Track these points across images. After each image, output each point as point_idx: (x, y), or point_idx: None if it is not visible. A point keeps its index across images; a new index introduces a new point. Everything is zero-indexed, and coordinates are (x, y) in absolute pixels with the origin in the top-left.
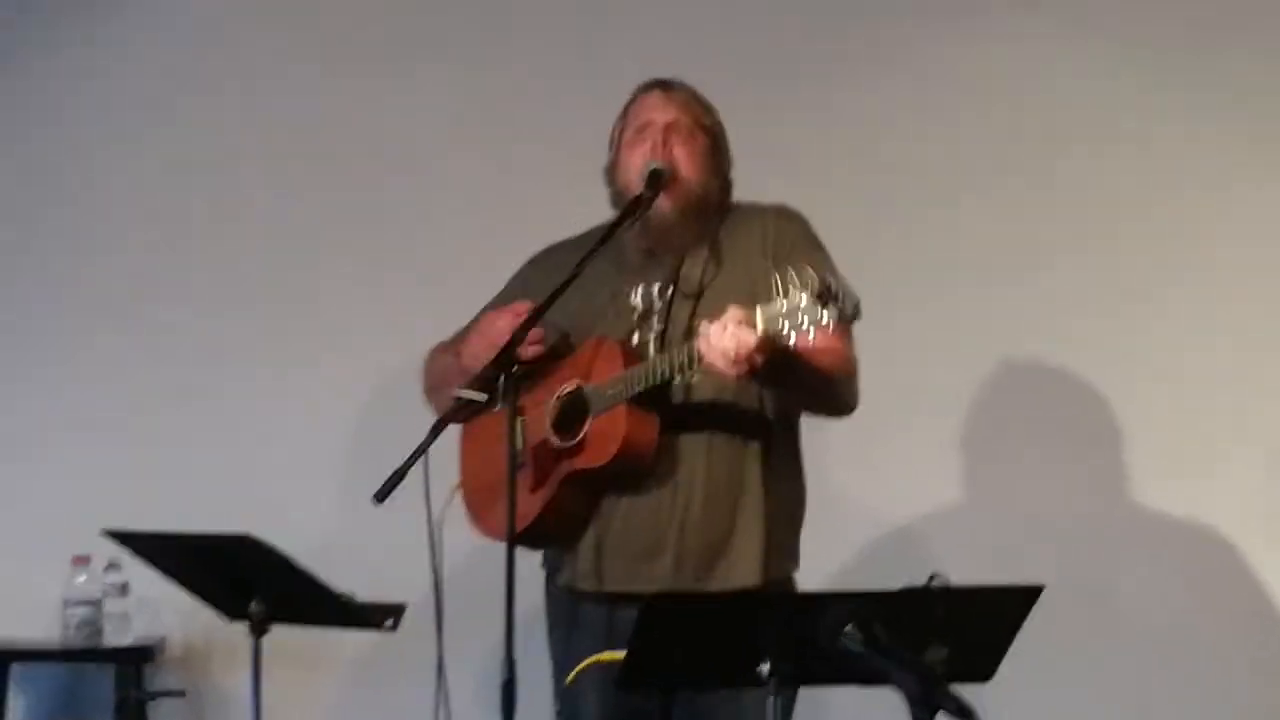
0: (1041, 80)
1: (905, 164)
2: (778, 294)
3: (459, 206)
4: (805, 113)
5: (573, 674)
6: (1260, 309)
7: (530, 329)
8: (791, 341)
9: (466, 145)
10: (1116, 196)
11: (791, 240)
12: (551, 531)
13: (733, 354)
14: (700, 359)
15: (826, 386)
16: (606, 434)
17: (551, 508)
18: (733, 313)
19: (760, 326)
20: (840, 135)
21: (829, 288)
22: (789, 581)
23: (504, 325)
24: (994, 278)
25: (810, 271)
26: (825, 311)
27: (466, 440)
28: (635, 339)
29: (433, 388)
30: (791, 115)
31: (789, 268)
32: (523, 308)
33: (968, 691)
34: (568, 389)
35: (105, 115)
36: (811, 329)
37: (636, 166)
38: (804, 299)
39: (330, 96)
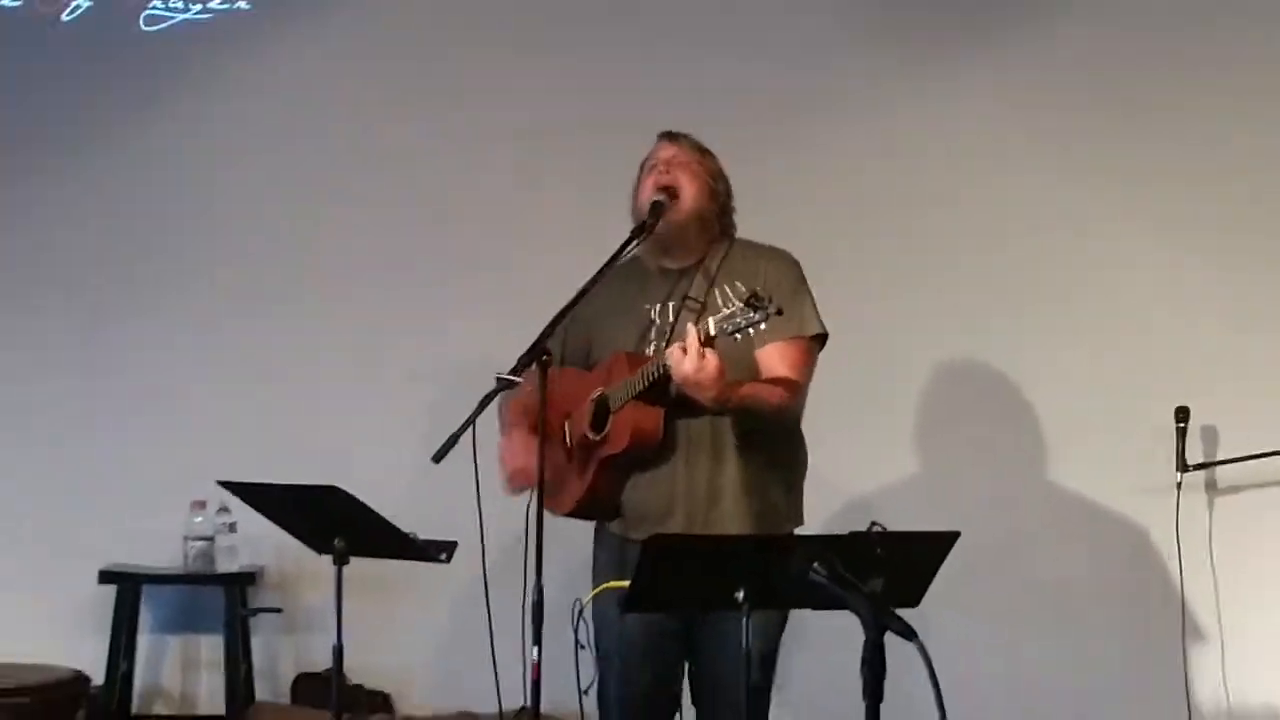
0: (963, 137)
1: (862, 198)
2: (722, 304)
3: (516, 241)
4: (783, 154)
5: (590, 595)
6: (1135, 318)
7: (557, 327)
8: (738, 340)
9: (522, 197)
10: (1024, 231)
11: (779, 278)
12: (597, 505)
13: (681, 366)
14: (668, 370)
15: (768, 416)
16: (622, 426)
17: (593, 487)
18: (689, 333)
19: (712, 331)
20: (812, 180)
21: (756, 294)
22: (790, 536)
23: (521, 461)
24: (929, 293)
25: (741, 286)
26: (755, 314)
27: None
28: (651, 348)
29: (500, 411)
30: (773, 155)
31: (728, 285)
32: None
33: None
34: (595, 395)
35: (251, 138)
36: (749, 329)
37: (647, 198)
38: (737, 306)
39: (423, 149)
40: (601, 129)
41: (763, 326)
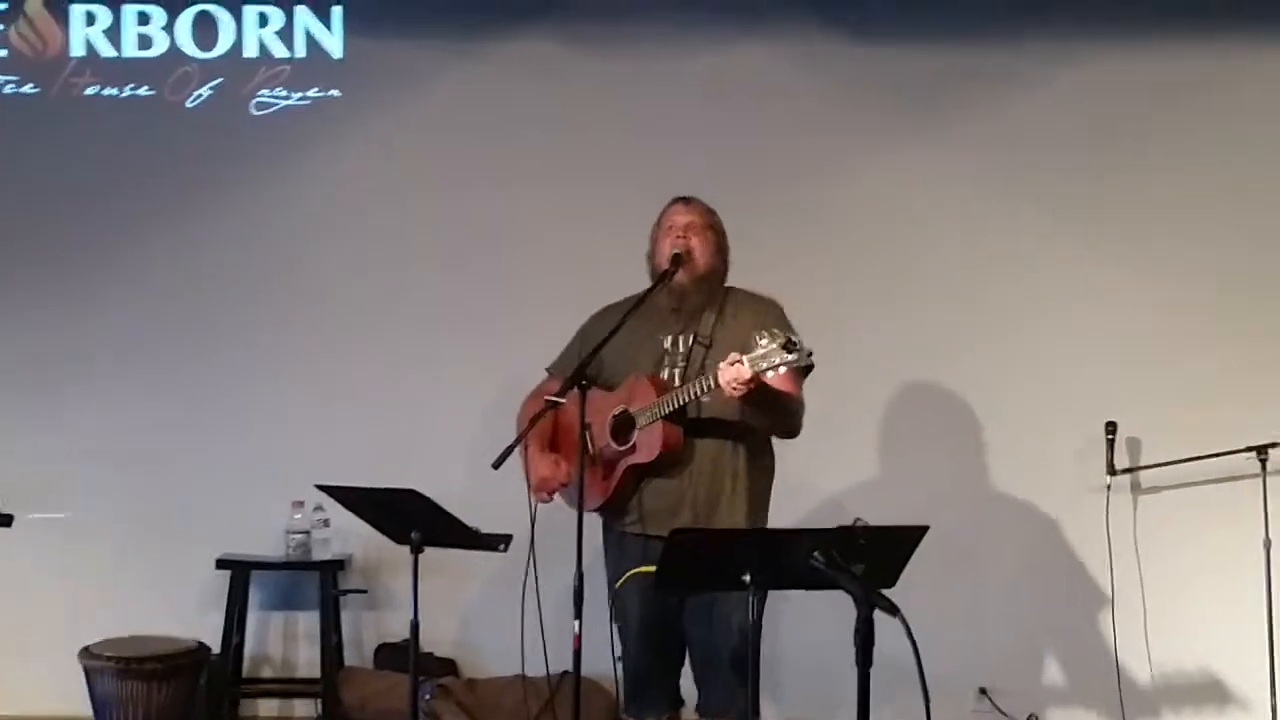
0: (928, 191)
1: (849, 247)
2: (757, 344)
3: (559, 283)
4: (776, 211)
5: (622, 579)
6: (1075, 348)
7: (592, 359)
8: (768, 378)
9: (562, 245)
10: (983, 272)
11: (774, 323)
12: (616, 504)
13: (734, 382)
14: (715, 384)
15: (786, 415)
16: (651, 440)
17: (617, 490)
18: (733, 355)
19: (747, 365)
20: (801, 227)
21: (790, 341)
22: (790, 530)
23: (543, 472)
24: (901, 324)
25: (779, 332)
26: (790, 356)
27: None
28: (665, 374)
29: (519, 421)
30: (767, 212)
31: (765, 331)
32: (550, 472)
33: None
34: (617, 411)
35: (341, 202)
36: (782, 367)
37: (666, 252)
38: (774, 347)
39: (479, 215)
40: (623, 199)
41: (794, 363)
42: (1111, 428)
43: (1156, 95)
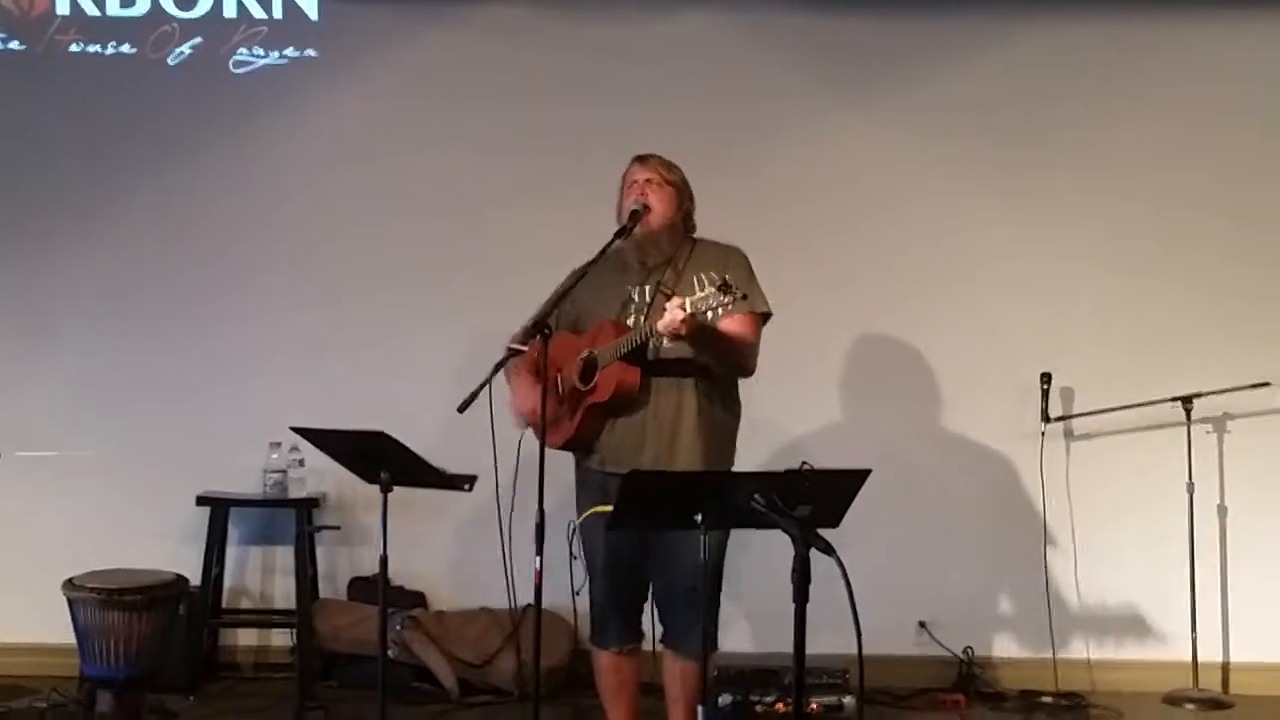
0: (878, 153)
1: (802, 207)
2: (698, 289)
3: (527, 240)
4: (731, 172)
5: (581, 516)
6: (1013, 305)
7: (556, 307)
8: (709, 318)
9: (530, 203)
10: (929, 232)
11: (736, 269)
12: (581, 441)
13: (669, 325)
14: (654, 329)
15: (731, 353)
16: (607, 380)
17: (581, 428)
18: (675, 300)
19: (688, 307)
20: (763, 188)
21: (726, 283)
22: (737, 472)
23: (526, 397)
24: (853, 280)
25: (714, 274)
26: (725, 298)
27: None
28: (630, 320)
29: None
30: (722, 173)
31: (704, 274)
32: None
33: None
34: (584, 354)
35: (318, 159)
36: (720, 309)
37: (627, 208)
38: (712, 290)
39: (452, 175)
40: (589, 159)
41: (730, 307)
42: (1046, 378)
43: (1089, 63)
